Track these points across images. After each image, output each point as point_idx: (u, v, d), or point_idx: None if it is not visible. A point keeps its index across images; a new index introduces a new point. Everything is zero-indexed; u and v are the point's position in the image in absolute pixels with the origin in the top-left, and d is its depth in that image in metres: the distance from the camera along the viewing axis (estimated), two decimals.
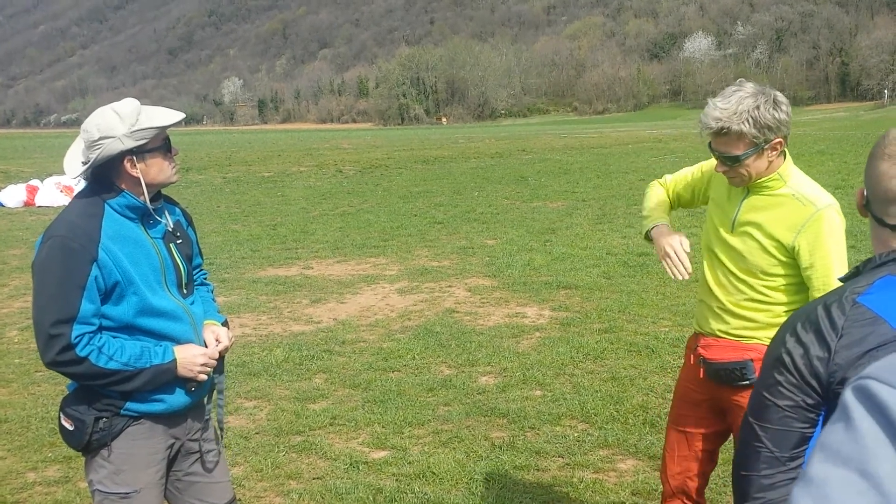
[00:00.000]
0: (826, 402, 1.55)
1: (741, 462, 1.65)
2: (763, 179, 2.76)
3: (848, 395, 0.70)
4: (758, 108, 2.60)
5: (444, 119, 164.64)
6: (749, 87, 2.68)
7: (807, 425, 1.58)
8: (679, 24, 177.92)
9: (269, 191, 21.34)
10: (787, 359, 1.57)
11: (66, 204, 2.86)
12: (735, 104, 2.61)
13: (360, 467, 4.71)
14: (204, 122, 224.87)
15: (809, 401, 1.56)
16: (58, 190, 19.61)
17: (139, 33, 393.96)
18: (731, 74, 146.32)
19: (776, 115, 2.63)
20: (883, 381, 0.67)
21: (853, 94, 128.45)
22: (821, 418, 1.58)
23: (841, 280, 1.69)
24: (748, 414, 1.65)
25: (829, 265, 2.66)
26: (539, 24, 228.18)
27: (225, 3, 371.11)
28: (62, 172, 2.85)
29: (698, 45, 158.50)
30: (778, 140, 2.68)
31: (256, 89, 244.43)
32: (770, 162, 2.72)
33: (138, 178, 2.65)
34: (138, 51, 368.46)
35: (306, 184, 22.91)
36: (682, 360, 6.40)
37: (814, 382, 1.54)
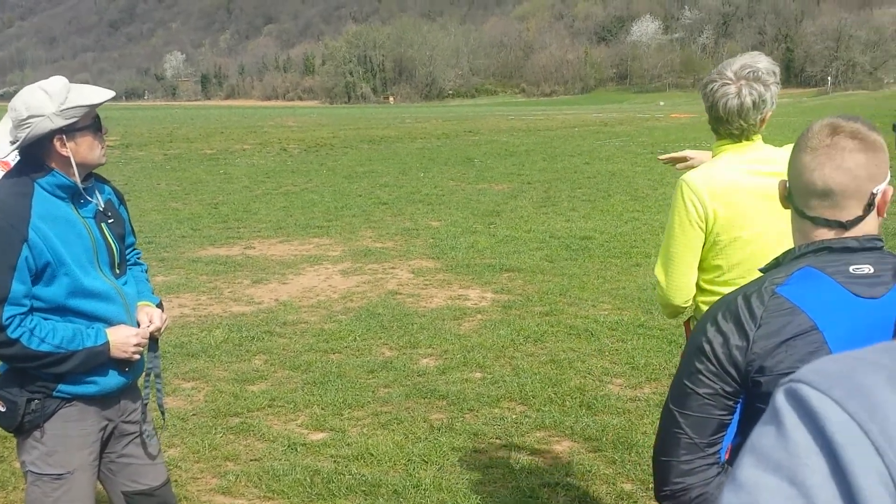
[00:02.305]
0: (744, 389, 1.60)
1: (661, 448, 1.68)
2: None
3: (780, 398, 0.69)
4: None
5: (391, 98, 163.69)
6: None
7: (725, 412, 1.62)
8: (627, 8, 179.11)
9: (211, 169, 21.02)
10: (707, 347, 1.61)
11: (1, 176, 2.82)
12: None
13: (299, 449, 4.70)
14: (145, 97, 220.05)
15: (728, 389, 1.60)
16: None
17: (79, 5, 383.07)
18: (678, 59, 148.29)
19: None
20: (814, 386, 0.66)
21: (797, 81, 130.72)
22: (738, 406, 1.63)
23: (761, 271, 1.74)
24: (669, 401, 1.68)
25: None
26: (488, 4, 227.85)
27: None
28: None
29: (645, 28, 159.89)
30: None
31: (200, 64, 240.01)
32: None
33: (68, 158, 2.61)
34: (79, 23, 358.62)
35: (249, 162, 22.62)
36: (620, 344, 6.49)
37: (732, 371, 1.59)
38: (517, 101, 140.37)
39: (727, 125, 2.71)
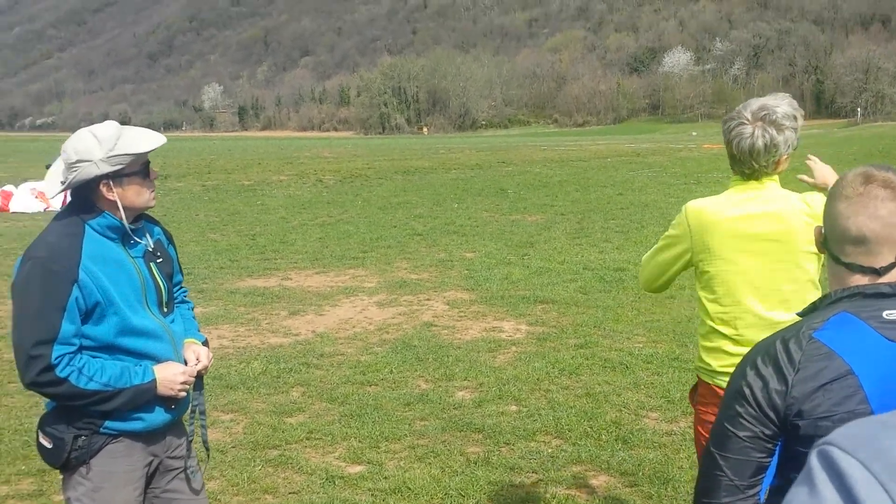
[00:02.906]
0: (783, 433, 1.63)
1: (703, 490, 1.71)
2: None
3: (813, 460, 0.75)
4: None
5: (425, 129, 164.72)
6: None
7: (764, 455, 1.64)
8: (659, 39, 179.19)
9: (248, 199, 21.31)
10: (747, 391, 1.64)
11: (41, 210, 2.89)
12: None
13: (337, 482, 4.75)
14: (183, 129, 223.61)
15: (768, 432, 1.63)
16: (33, 196, 19.45)
17: (118, 37, 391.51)
18: (709, 89, 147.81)
19: None
20: (844, 449, 0.72)
21: (827, 112, 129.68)
22: (777, 448, 1.65)
23: (799, 315, 1.78)
24: (710, 444, 1.71)
25: None
26: (521, 36, 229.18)
27: (206, 9, 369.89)
28: (37, 178, 2.87)
29: (677, 59, 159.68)
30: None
31: (237, 96, 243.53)
32: None
33: (115, 202, 2.67)
34: (117, 55, 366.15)
35: (286, 193, 22.90)
36: (655, 377, 6.49)
37: (772, 414, 1.62)
38: (550, 132, 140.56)
39: (740, 164, 2.80)
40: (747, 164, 2.76)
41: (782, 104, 2.73)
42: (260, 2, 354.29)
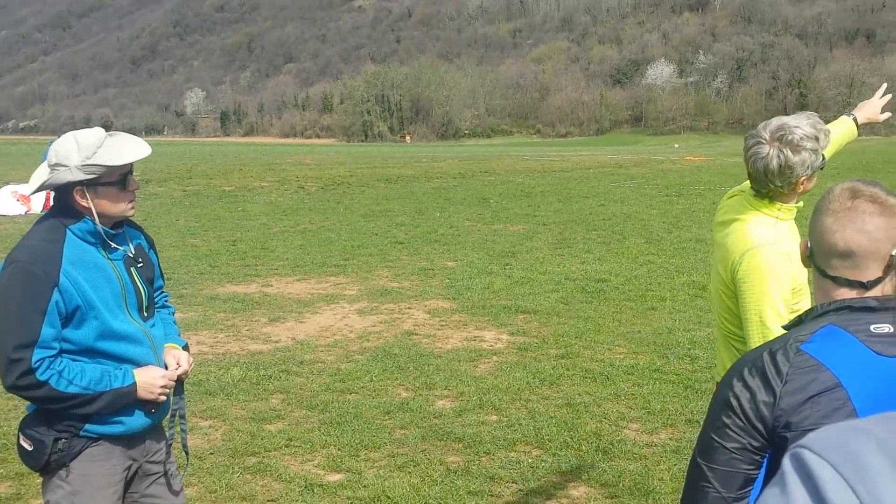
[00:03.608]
0: (771, 444, 1.63)
1: (688, 501, 1.71)
2: None
3: (786, 462, 0.77)
4: None
5: (407, 137, 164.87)
6: None
7: (752, 467, 1.64)
8: (642, 52, 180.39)
9: (229, 205, 21.22)
10: (734, 402, 1.64)
11: (22, 213, 2.89)
12: None
13: (315, 490, 4.72)
14: (165, 133, 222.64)
15: (755, 443, 1.63)
16: (14, 199, 19.28)
17: (102, 42, 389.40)
18: (692, 102, 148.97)
19: None
20: (816, 451, 0.75)
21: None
22: (765, 461, 1.65)
23: (785, 328, 1.79)
24: (696, 454, 1.71)
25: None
26: (505, 46, 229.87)
27: (190, 15, 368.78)
28: (19, 181, 2.87)
29: (660, 72, 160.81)
30: None
31: (220, 101, 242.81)
32: None
33: (90, 209, 2.67)
34: (101, 59, 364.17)
35: (268, 199, 22.82)
36: (636, 388, 6.51)
37: (759, 426, 1.62)
38: (533, 142, 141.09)
39: (756, 182, 2.76)
40: (763, 183, 2.72)
41: (803, 124, 2.66)
42: (244, 8, 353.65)
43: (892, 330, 1.63)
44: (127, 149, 2.68)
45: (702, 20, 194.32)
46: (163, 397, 2.84)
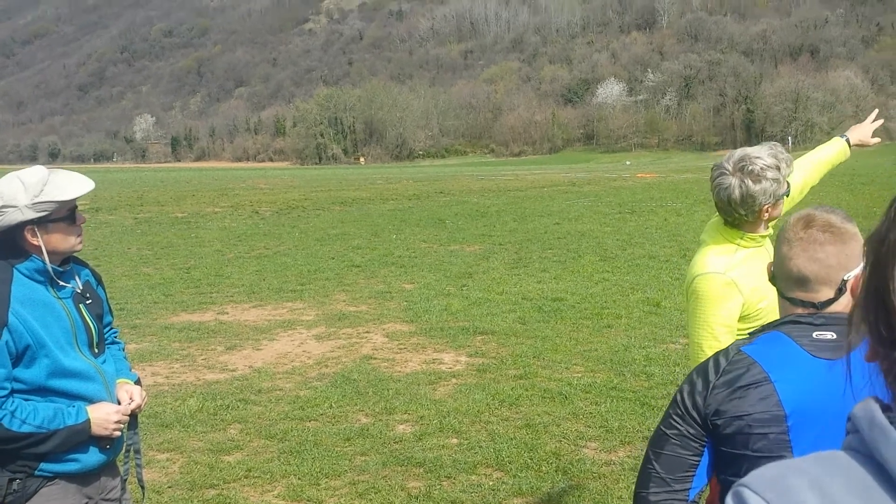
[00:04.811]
0: (706, 431, 1.82)
1: (638, 482, 1.91)
2: None
3: (728, 499, 0.82)
4: None
5: (361, 159, 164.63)
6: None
7: (691, 453, 1.83)
8: (592, 71, 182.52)
9: (182, 232, 20.99)
10: (678, 396, 1.87)
11: None
12: None
13: None
14: (115, 160, 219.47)
15: (692, 430, 1.83)
16: None
17: (48, 69, 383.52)
18: (642, 119, 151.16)
19: None
20: (754, 489, 0.79)
21: (758, 140, 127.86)
22: (705, 450, 1.84)
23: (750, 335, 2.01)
24: (648, 444, 1.91)
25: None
26: (456, 67, 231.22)
27: (138, 41, 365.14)
28: None
29: (610, 91, 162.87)
30: None
31: (170, 126, 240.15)
32: None
33: (40, 247, 2.67)
34: (47, 86, 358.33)
35: (221, 225, 22.63)
36: (594, 407, 6.56)
37: (694, 414, 1.82)
38: (487, 161, 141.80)
39: (722, 212, 2.85)
40: (728, 212, 2.80)
41: (764, 155, 2.73)
42: (193, 33, 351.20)
43: (834, 336, 1.78)
44: (73, 184, 2.71)
45: (650, 39, 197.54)
46: (117, 433, 2.82)
